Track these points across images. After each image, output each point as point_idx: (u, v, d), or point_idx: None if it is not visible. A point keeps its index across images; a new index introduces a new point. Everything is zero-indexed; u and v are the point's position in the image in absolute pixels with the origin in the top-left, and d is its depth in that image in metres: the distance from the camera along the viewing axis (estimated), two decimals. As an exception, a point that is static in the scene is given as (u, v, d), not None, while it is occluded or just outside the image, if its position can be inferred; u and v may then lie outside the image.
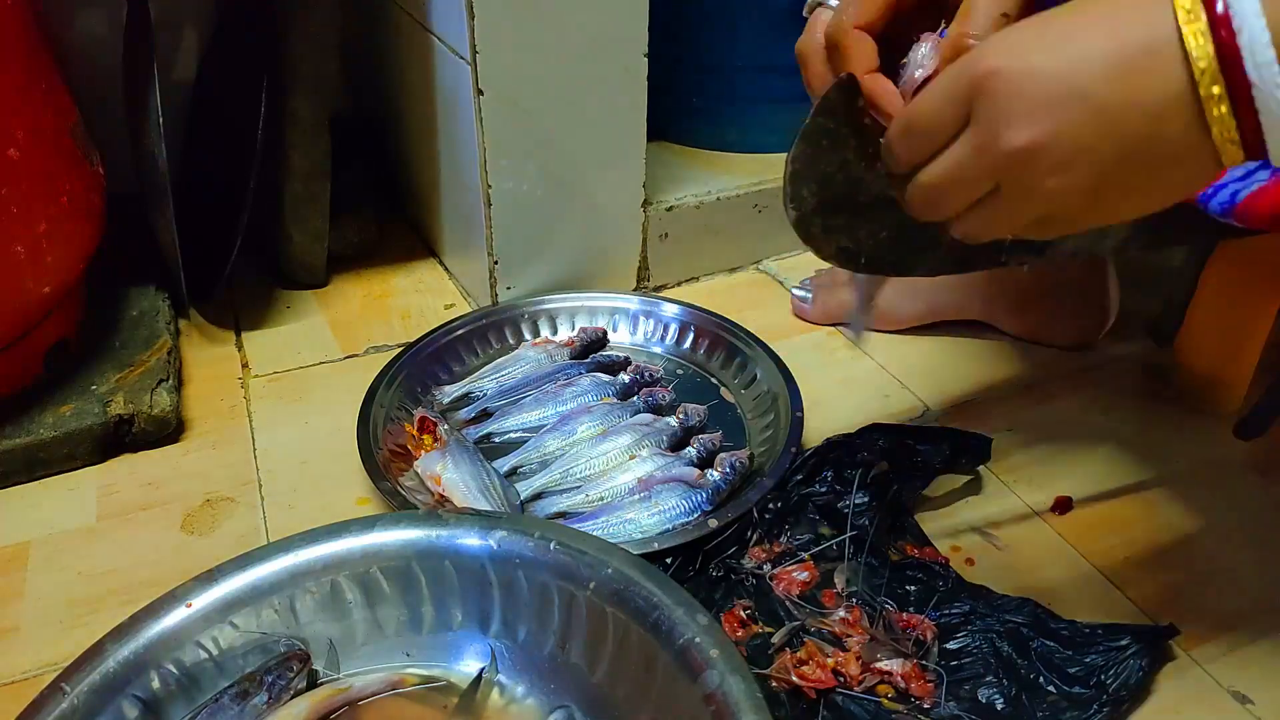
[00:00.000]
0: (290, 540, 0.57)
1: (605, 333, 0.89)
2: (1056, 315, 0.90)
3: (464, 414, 0.81)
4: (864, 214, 0.53)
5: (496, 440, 0.78)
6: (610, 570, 0.54)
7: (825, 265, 0.98)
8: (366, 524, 0.58)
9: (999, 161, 0.42)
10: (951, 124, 0.44)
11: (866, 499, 0.68)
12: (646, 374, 0.83)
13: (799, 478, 0.71)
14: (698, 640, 0.50)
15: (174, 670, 0.53)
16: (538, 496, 0.73)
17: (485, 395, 0.82)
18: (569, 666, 0.56)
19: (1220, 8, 0.37)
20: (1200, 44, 0.37)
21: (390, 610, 0.58)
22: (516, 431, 0.78)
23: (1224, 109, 0.38)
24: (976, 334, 0.93)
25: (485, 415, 0.81)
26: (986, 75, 0.41)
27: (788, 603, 0.63)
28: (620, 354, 0.86)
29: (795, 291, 0.96)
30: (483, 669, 0.57)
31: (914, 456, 0.71)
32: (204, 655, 0.54)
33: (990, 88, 0.41)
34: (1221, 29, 0.37)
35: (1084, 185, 0.41)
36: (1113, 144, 0.40)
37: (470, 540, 0.58)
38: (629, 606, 0.53)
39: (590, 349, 0.87)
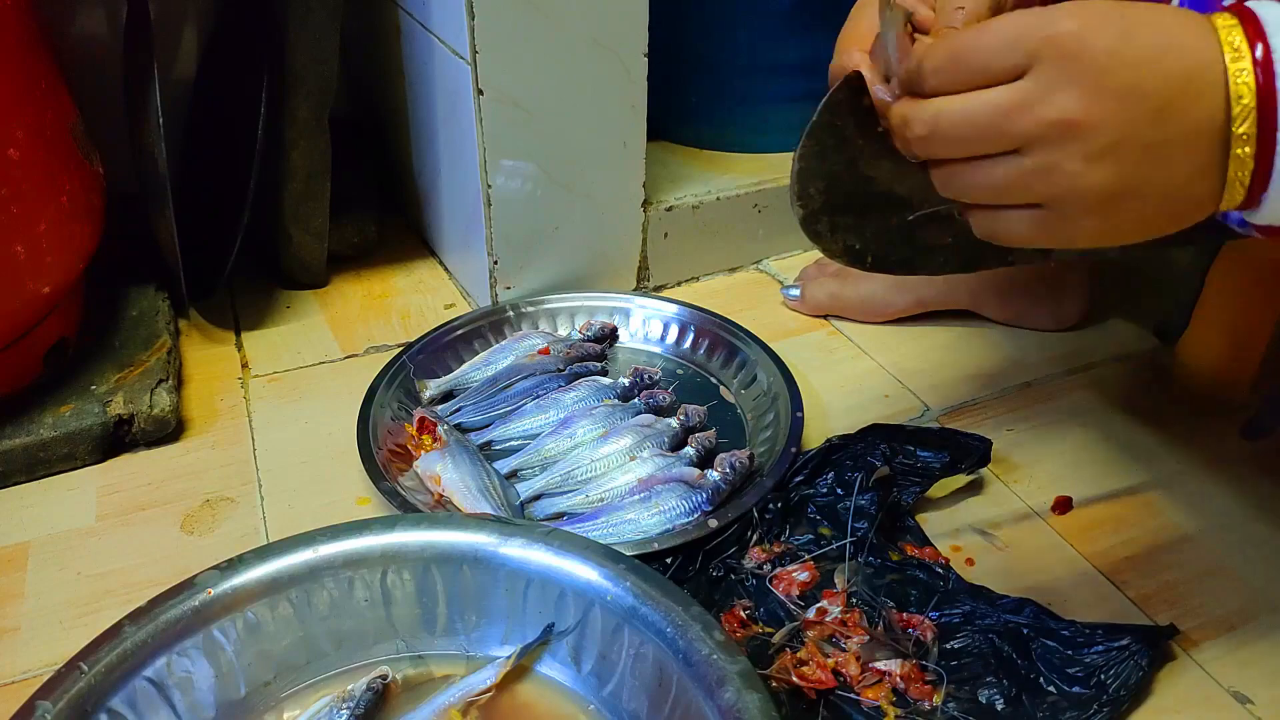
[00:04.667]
0: (312, 535, 0.58)
1: (615, 328, 0.90)
2: (1038, 302, 0.92)
3: (451, 405, 0.81)
4: (871, 212, 0.53)
5: (498, 446, 0.78)
6: (628, 584, 0.55)
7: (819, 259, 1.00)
8: (388, 524, 0.59)
9: (1039, 124, 0.41)
10: (1007, 70, 0.41)
11: (866, 501, 0.68)
12: (646, 376, 0.83)
13: (799, 478, 0.71)
14: (714, 657, 0.50)
15: (188, 657, 0.53)
16: (537, 497, 0.73)
17: (471, 386, 0.83)
18: (581, 679, 0.57)
19: (1260, 53, 0.39)
20: (1244, 82, 0.39)
21: (405, 611, 0.58)
22: (518, 438, 0.78)
23: (1248, 150, 0.40)
24: (967, 324, 0.93)
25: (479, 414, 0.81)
26: (1066, 36, 0.40)
27: (788, 603, 0.63)
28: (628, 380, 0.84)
29: (786, 291, 0.96)
30: (550, 625, 0.57)
31: (914, 462, 0.71)
32: (219, 642, 0.54)
33: (1064, 49, 0.40)
34: (1260, 72, 0.39)
35: (1107, 183, 0.41)
36: (1149, 150, 0.40)
37: (489, 546, 0.58)
38: (645, 620, 0.53)
39: (597, 342, 0.88)
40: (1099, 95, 0.40)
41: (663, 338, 0.90)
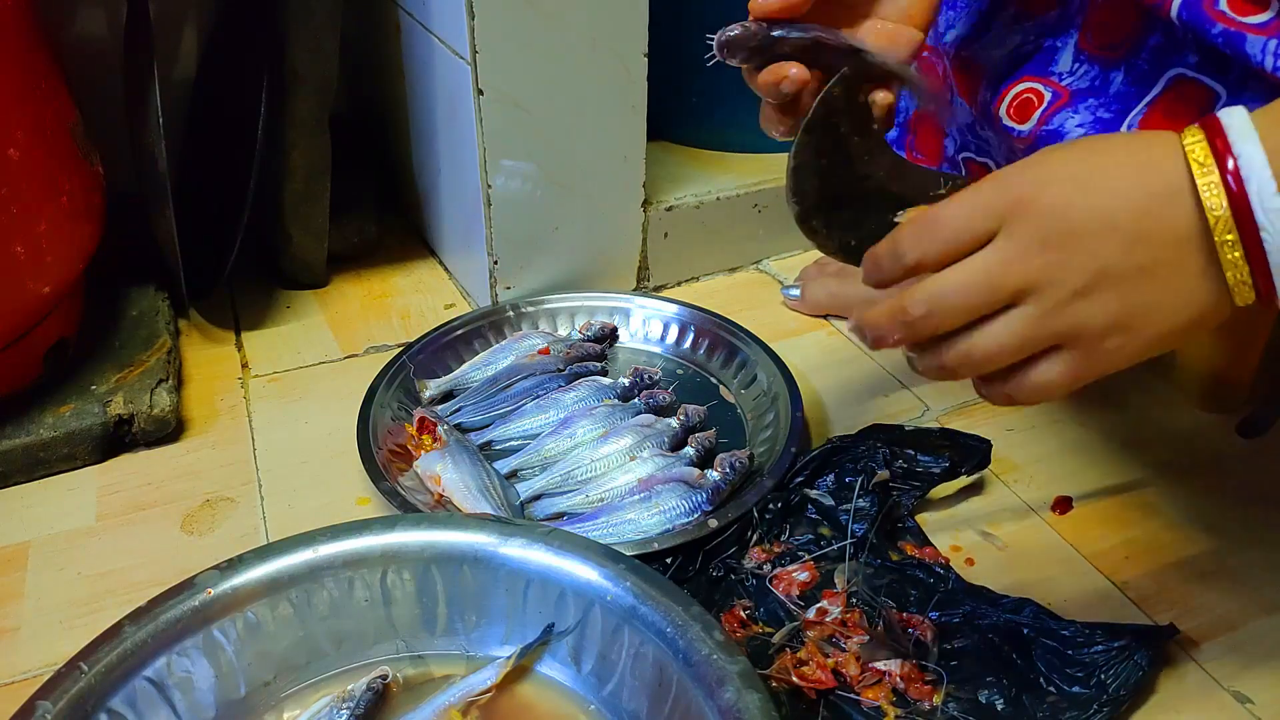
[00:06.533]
0: (312, 535, 0.58)
1: (615, 328, 0.90)
2: None
3: (451, 405, 0.81)
4: (867, 209, 0.53)
5: (498, 446, 0.78)
6: (628, 584, 0.54)
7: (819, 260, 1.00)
8: (388, 524, 0.59)
9: (1027, 272, 0.43)
10: (979, 235, 0.45)
11: (867, 502, 0.68)
12: (646, 376, 0.83)
13: (800, 479, 0.71)
14: (714, 657, 0.50)
15: (188, 657, 0.53)
16: (537, 497, 0.73)
17: (471, 386, 0.83)
18: (581, 679, 0.57)
19: (1231, 164, 0.40)
20: (1214, 195, 0.41)
21: (405, 611, 0.58)
22: (518, 438, 0.78)
23: (1237, 254, 0.41)
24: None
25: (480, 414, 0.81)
26: (1022, 200, 0.44)
27: (788, 603, 0.63)
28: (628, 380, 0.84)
29: (786, 291, 0.97)
30: (550, 625, 0.57)
31: (915, 466, 0.71)
32: (219, 642, 0.54)
33: (1027, 210, 0.43)
34: (1232, 181, 0.40)
35: (1109, 308, 0.43)
36: (1139, 271, 0.43)
37: (489, 546, 0.58)
38: (645, 620, 0.53)
39: (597, 342, 0.88)
40: (1070, 240, 0.43)
41: (663, 338, 0.90)
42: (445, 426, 0.76)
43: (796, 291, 0.96)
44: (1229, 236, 0.41)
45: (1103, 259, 0.43)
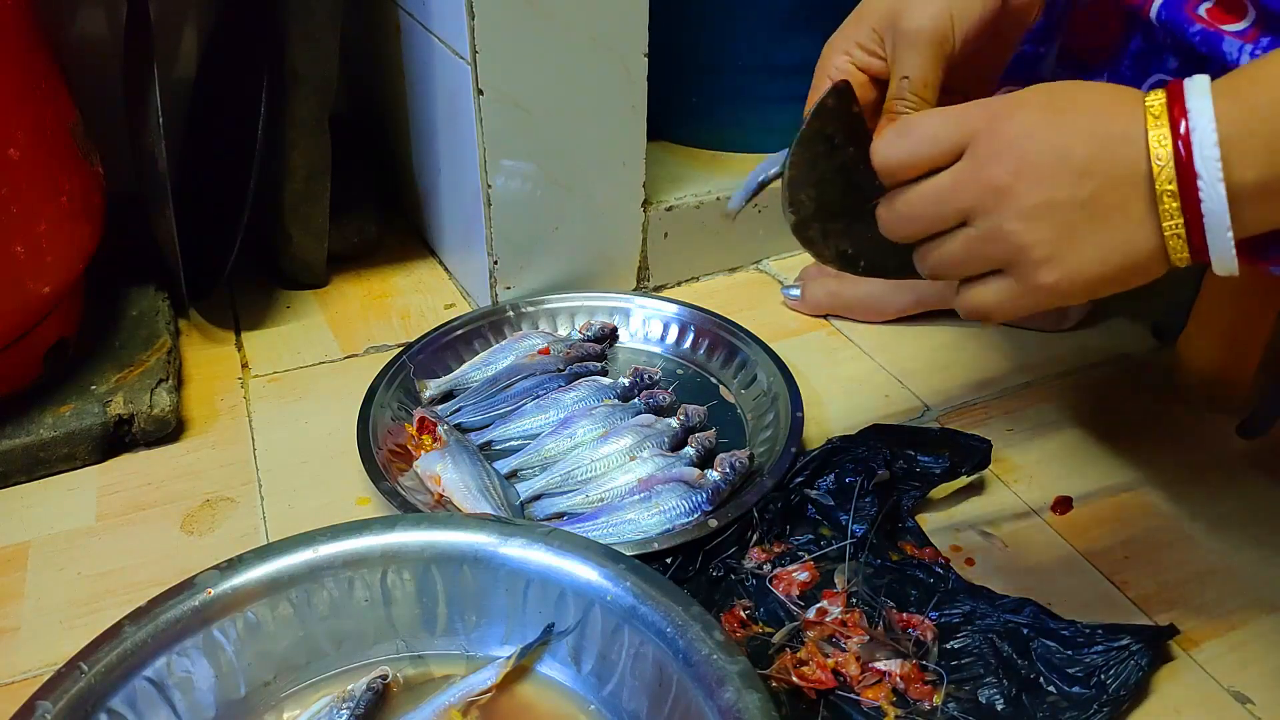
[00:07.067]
0: (312, 535, 0.58)
1: (615, 328, 0.90)
2: None
3: (451, 405, 0.81)
4: (863, 218, 0.53)
5: (498, 446, 0.78)
6: (628, 584, 0.54)
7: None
8: (388, 524, 0.59)
9: (977, 192, 0.46)
10: (946, 150, 0.47)
11: (867, 502, 0.68)
12: (646, 376, 0.83)
13: (800, 479, 0.71)
14: (714, 657, 0.50)
15: (188, 657, 0.53)
16: (537, 497, 0.73)
17: (471, 386, 0.83)
18: (581, 679, 0.57)
19: (1181, 118, 0.43)
20: (1161, 145, 0.43)
21: (405, 611, 0.58)
22: (518, 438, 0.78)
23: (1175, 205, 0.43)
24: (967, 324, 0.93)
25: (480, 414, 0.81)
26: (992, 120, 0.46)
27: (788, 603, 0.63)
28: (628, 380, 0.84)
29: (787, 291, 0.97)
30: (550, 625, 0.57)
31: (915, 466, 0.71)
32: (219, 642, 0.54)
33: (991, 134, 0.46)
34: (1181, 132, 0.42)
35: (1046, 237, 0.45)
36: (1081, 205, 0.45)
37: (489, 546, 0.58)
38: (645, 620, 0.53)
39: (597, 342, 0.88)
40: (1025, 162, 0.45)
41: (663, 338, 0.90)
42: (445, 426, 0.76)
43: (796, 291, 0.96)
44: (1169, 186, 0.43)
45: (1049, 190, 0.45)
